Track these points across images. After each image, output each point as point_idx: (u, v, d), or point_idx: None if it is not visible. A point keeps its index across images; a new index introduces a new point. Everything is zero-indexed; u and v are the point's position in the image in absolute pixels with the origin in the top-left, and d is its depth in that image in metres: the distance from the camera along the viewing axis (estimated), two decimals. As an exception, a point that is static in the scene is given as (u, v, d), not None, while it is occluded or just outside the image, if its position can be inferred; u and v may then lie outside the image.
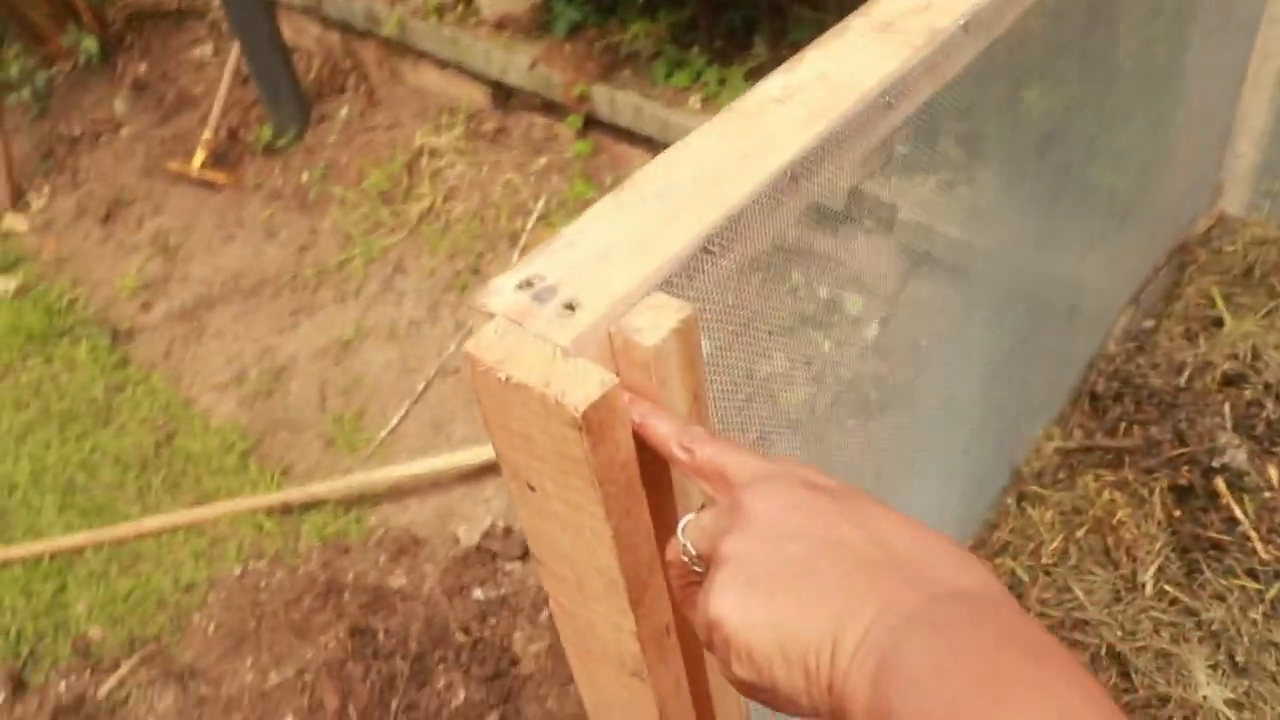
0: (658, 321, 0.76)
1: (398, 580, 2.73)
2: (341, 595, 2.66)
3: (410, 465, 3.06)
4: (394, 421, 3.32)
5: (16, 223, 5.03)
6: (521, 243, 3.74)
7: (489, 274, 3.70)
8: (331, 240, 4.15)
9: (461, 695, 2.33)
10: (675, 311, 0.77)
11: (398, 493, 3.05)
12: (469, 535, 2.88)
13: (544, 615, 2.61)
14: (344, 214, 4.19)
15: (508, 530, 2.88)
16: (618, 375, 0.80)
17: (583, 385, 0.71)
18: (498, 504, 2.99)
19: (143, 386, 3.73)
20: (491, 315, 0.79)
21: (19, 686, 2.79)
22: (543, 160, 4.00)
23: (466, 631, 2.46)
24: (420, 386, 3.41)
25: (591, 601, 0.88)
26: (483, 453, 3.01)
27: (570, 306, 0.77)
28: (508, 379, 0.73)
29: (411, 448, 3.23)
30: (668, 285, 0.81)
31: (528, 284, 0.81)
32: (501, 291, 0.81)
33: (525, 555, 2.79)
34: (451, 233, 3.91)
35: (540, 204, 3.82)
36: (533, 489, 0.81)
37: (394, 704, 2.31)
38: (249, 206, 4.48)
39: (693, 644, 0.98)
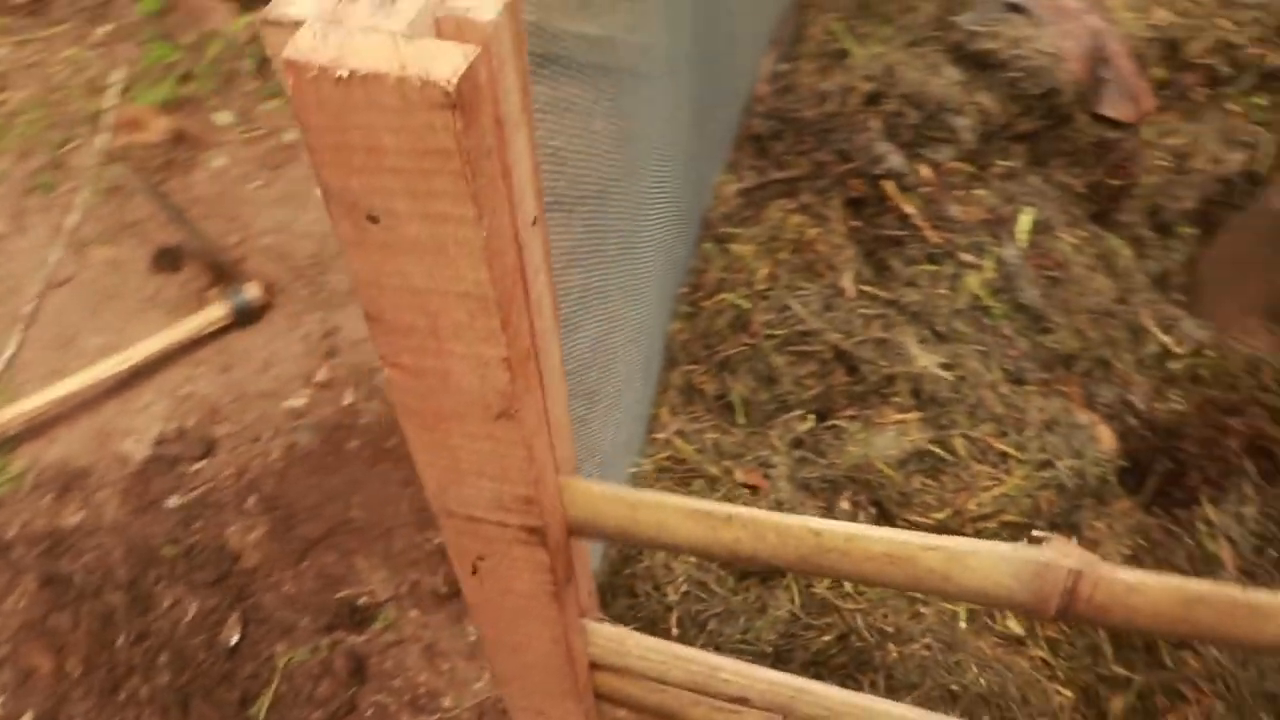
0: (487, -2, 0.64)
1: (73, 518, 2.38)
2: (11, 552, 2.29)
3: (44, 393, 2.65)
4: (10, 352, 2.85)
5: None
6: (109, 121, 3.26)
7: (74, 166, 3.21)
8: None
9: (193, 608, 2.09)
10: (505, -15, 0.65)
11: (39, 426, 2.64)
12: (139, 448, 2.57)
13: (251, 501, 2.39)
14: None
15: (181, 431, 2.59)
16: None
17: (445, 59, 0.59)
18: (160, 407, 2.67)
19: None
20: (298, 23, 0.64)
21: None
22: (106, 28, 3.48)
23: (175, 542, 2.20)
24: (28, 308, 2.95)
25: (449, 342, 0.78)
26: (130, 356, 2.67)
27: (389, -2, 0.63)
28: (351, 74, 0.59)
29: (39, 375, 2.80)
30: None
31: (329, -16, 0.66)
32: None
33: (209, 452, 2.54)
34: (15, 128, 3.34)
35: (118, 75, 3.34)
36: (375, 220, 0.68)
37: (119, 640, 2.03)
38: None
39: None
